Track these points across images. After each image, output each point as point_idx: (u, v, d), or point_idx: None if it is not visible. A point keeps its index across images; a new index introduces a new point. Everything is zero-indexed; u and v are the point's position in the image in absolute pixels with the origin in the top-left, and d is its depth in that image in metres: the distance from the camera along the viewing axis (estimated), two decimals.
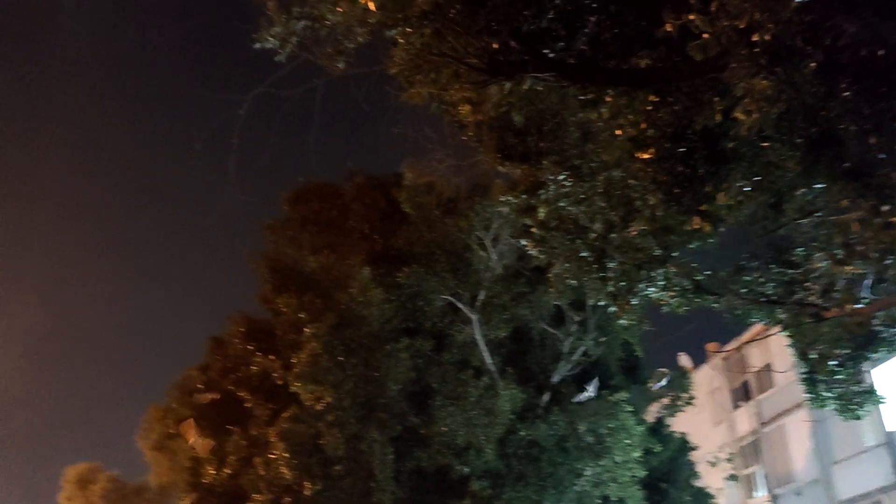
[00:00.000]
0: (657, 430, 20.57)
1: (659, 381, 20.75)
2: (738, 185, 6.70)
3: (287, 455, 16.42)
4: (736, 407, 28.76)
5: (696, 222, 6.47)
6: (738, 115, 5.09)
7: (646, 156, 6.50)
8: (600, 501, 17.57)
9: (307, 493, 16.39)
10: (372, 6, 6.44)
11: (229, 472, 18.91)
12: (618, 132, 6.91)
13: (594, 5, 6.31)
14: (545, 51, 6.39)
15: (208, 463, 19.57)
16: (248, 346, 19.50)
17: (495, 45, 6.31)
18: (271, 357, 18.74)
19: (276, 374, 18.28)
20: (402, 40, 6.81)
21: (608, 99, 6.69)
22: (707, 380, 27.28)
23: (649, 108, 6.36)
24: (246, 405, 19.14)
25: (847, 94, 5.29)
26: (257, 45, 7.30)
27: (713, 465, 23.97)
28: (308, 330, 16.43)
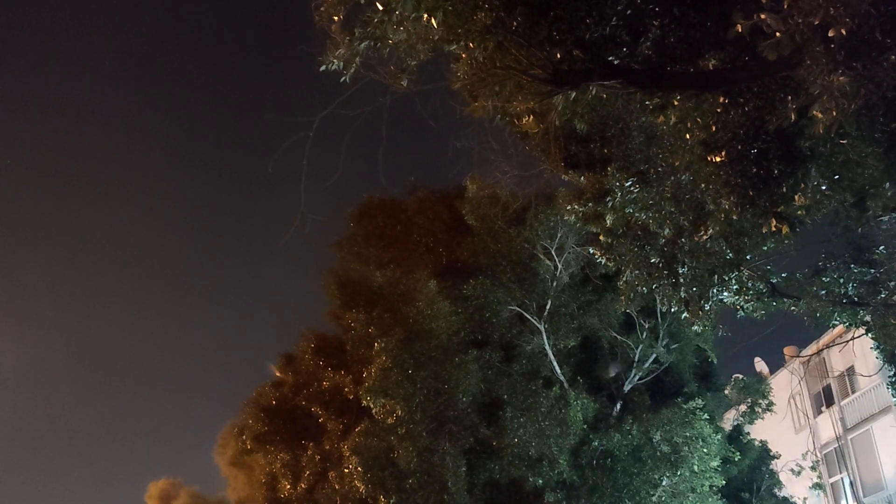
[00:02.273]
0: (735, 437, 19.99)
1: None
2: (815, 184, 6.49)
3: (361, 469, 16.59)
4: (818, 413, 27.68)
5: (773, 224, 6.30)
6: (816, 113, 4.95)
7: (718, 159, 6.37)
8: None
9: None
10: (434, 23, 6.51)
11: (305, 486, 19.24)
12: (687, 136, 6.80)
13: (657, 9, 6.23)
14: (610, 58, 6.35)
15: (284, 478, 19.95)
16: (319, 362, 19.86)
17: (559, 55, 6.29)
18: (342, 372, 19.03)
19: (347, 389, 18.54)
20: (464, 55, 6.86)
21: (676, 103, 6.59)
22: (786, 385, 26.32)
23: (719, 109, 6.23)
24: (319, 420, 19.46)
25: None
26: (323, 68, 7.48)
27: (796, 473, 23.12)
28: (377, 344, 16.61)
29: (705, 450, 16.47)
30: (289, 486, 19.75)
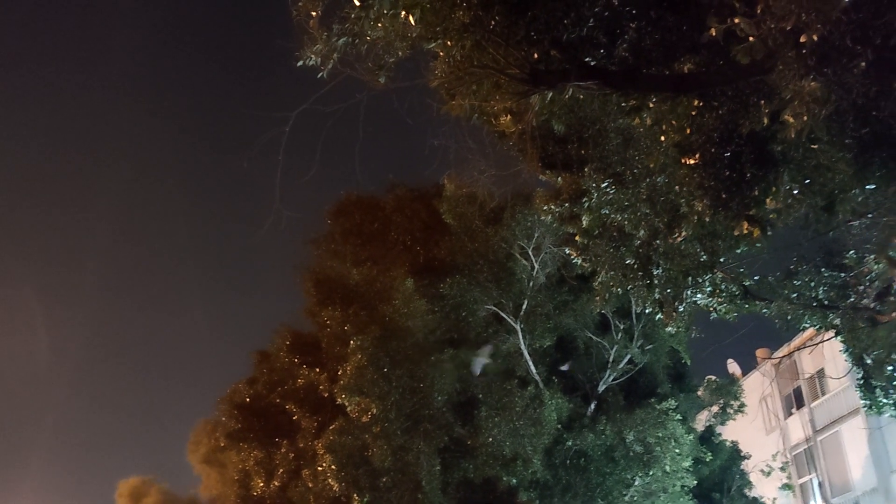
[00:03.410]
0: (707, 438, 20.20)
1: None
2: (787, 188, 6.57)
3: (335, 467, 16.53)
4: (789, 414, 28.06)
5: (745, 227, 6.37)
6: (787, 117, 5.01)
7: (691, 161, 6.43)
8: None
9: None
10: (412, 20, 6.50)
11: (278, 484, 19.13)
12: (662, 138, 6.85)
13: (634, 12, 6.27)
14: (587, 59, 6.38)
15: (257, 475, 19.82)
16: (295, 360, 19.76)
17: (536, 55, 6.31)
18: (317, 369, 18.94)
19: (322, 387, 18.47)
20: (442, 53, 6.86)
21: (651, 105, 6.64)
22: (757, 387, 26.62)
23: (694, 112, 6.29)
24: (293, 418, 19.36)
25: None
26: (300, 63, 7.43)
27: (766, 474, 23.45)
28: (353, 342, 16.55)
29: (677, 450, 16.62)
30: (262, 484, 19.63)
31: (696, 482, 17.25)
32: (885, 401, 10.63)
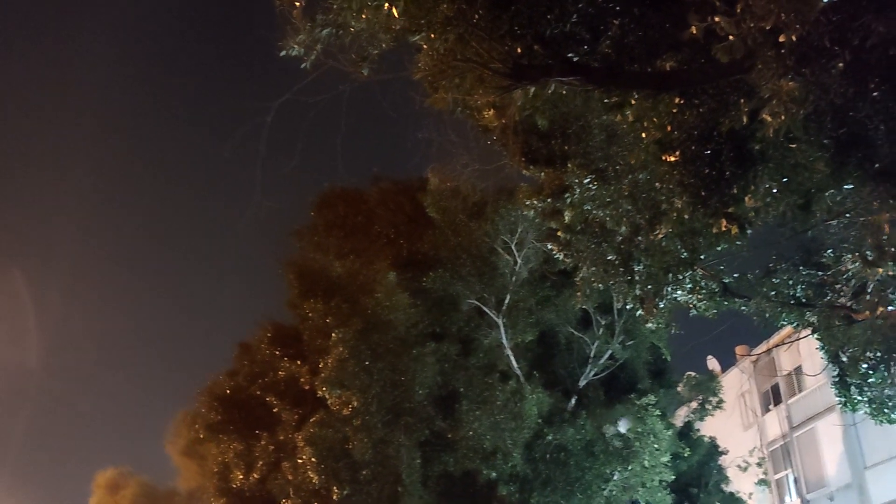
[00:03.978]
0: (686, 434, 20.40)
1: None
2: (765, 186, 6.64)
3: (315, 460, 16.52)
4: (766, 411, 28.39)
5: (724, 225, 6.43)
6: (766, 116, 5.05)
7: (672, 158, 6.47)
8: None
9: (335, 497, 16.48)
10: (396, 13, 6.49)
11: (257, 477, 19.07)
12: (643, 135, 6.89)
13: (617, 8, 6.30)
14: (569, 54, 6.39)
15: (237, 468, 19.76)
16: (276, 352, 19.69)
17: (519, 50, 6.33)
18: (298, 362, 18.89)
19: (303, 379, 18.42)
20: (425, 46, 6.85)
21: (633, 102, 6.67)
22: (736, 383, 26.93)
23: (675, 110, 6.33)
24: (274, 410, 19.30)
25: (876, 94, 5.23)
26: (283, 53, 7.40)
27: (743, 469, 23.73)
28: (335, 335, 16.53)
29: (656, 445, 16.77)
30: (241, 476, 19.55)
31: (673, 477, 17.42)
32: (859, 398, 10.77)
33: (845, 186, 6.88)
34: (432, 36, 6.52)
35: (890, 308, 8.99)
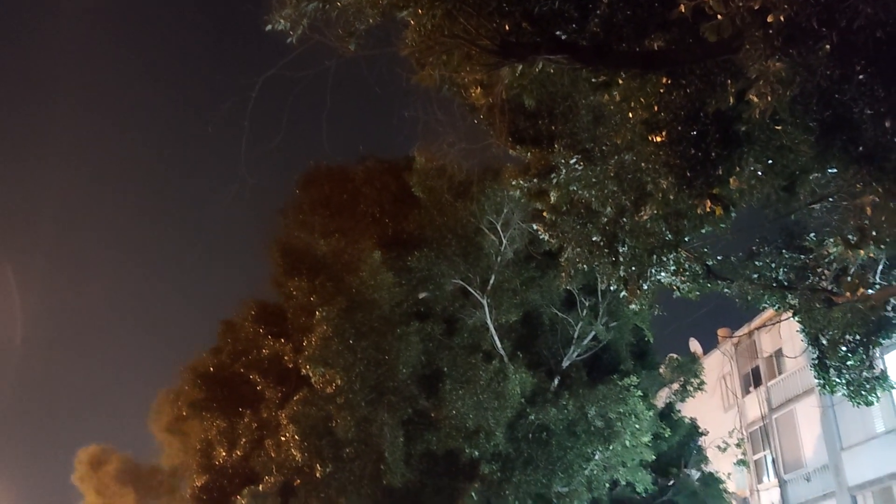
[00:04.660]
0: (667, 414, 20.61)
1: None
2: (750, 168, 6.65)
3: (298, 437, 16.55)
4: (746, 393, 28.75)
5: (708, 206, 6.44)
6: (752, 97, 5.05)
7: (658, 139, 6.46)
8: (609, 485, 17.65)
9: (318, 474, 16.54)
10: None
11: (240, 454, 19.11)
12: (630, 115, 6.88)
13: None
14: (557, 32, 6.35)
15: (220, 445, 19.77)
16: (260, 330, 19.65)
17: (507, 27, 6.28)
18: (282, 340, 18.87)
19: (286, 357, 18.42)
20: (413, 21, 6.78)
21: (620, 81, 6.65)
22: (717, 365, 27.25)
23: (662, 90, 6.31)
24: (257, 388, 19.30)
25: (862, 76, 5.23)
26: (269, 28, 7.30)
27: (722, 450, 24.02)
28: (319, 313, 16.50)
29: (637, 425, 16.92)
30: (224, 453, 19.59)
31: (654, 457, 17.61)
32: (837, 380, 10.90)
33: (829, 170, 6.92)
34: (420, 11, 6.46)
35: (870, 291, 9.09)
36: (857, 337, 10.41)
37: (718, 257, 10.55)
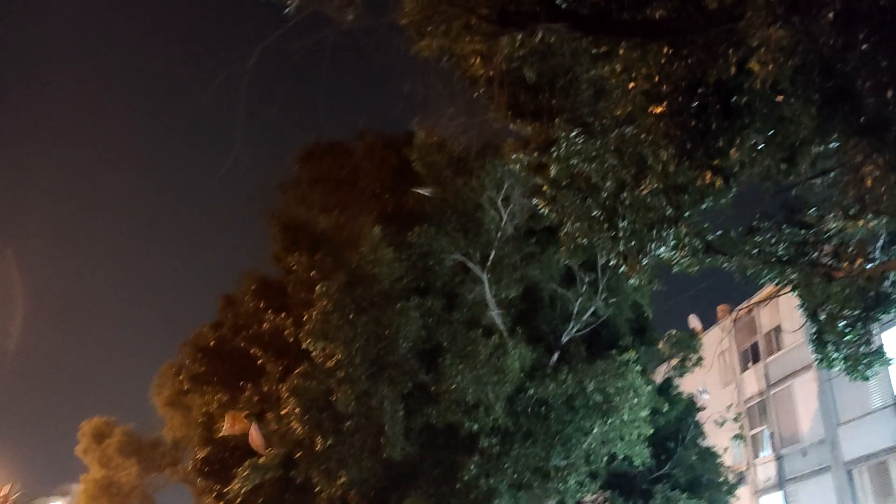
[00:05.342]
0: (665, 390, 20.72)
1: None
2: (751, 140, 6.61)
3: (299, 411, 16.66)
4: (744, 369, 28.90)
5: (709, 177, 6.41)
6: (753, 66, 5.01)
7: (659, 110, 6.42)
8: (607, 459, 17.79)
9: (318, 447, 16.67)
10: None
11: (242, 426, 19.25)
12: (630, 86, 6.82)
13: None
14: (557, 1, 6.28)
15: (221, 418, 19.91)
16: (260, 304, 19.71)
17: None
18: (283, 314, 18.93)
19: (287, 332, 18.48)
20: None
21: (621, 52, 6.59)
22: (716, 341, 27.35)
23: (663, 60, 6.25)
24: (258, 362, 19.40)
25: (865, 45, 5.18)
26: None
27: (720, 425, 24.17)
28: (319, 288, 16.52)
29: (636, 400, 17.00)
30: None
31: (652, 431, 17.72)
32: (835, 355, 10.96)
33: (831, 143, 6.88)
34: None
35: (869, 266, 9.10)
36: (856, 312, 10.45)
37: (718, 232, 10.53)
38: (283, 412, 17.31)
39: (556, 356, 17.98)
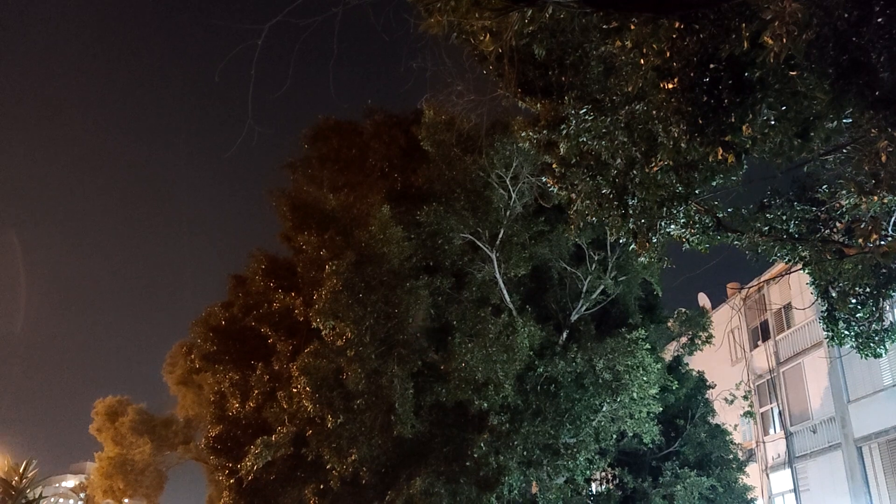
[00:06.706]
0: (675, 367, 20.75)
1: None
2: (764, 116, 6.54)
3: (309, 389, 16.77)
4: (754, 346, 28.86)
5: (720, 153, 6.35)
6: (767, 39, 4.93)
7: (670, 85, 6.35)
8: (617, 436, 17.86)
9: (329, 425, 16.80)
10: None
11: (253, 405, 19.42)
12: (641, 62, 6.75)
13: None
14: None
15: (233, 397, 20.09)
16: (270, 284, 19.78)
17: None
18: (292, 294, 19.00)
19: (297, 311, 18.56)
20: None
21: (632, 27, 6.50)
22: (726, 319, 27.30)
23: (675, 35, 6.17)
24: (268, 341, 19.51)
25: (880, 19, 5.11)
26: None
27: (729, 402, 24.20)
28: (329, 267, 16.56)
29: (645, 378, 17.03)
30: (237, 405, 19.92)
31: (661, 409, 17.77)
32: (846, 332, 10.91)
33: (845, 118, 6.79)
34: None
35: (881, 243, 9.02)
36: (867, 289, 10.39)
37: (729, 209, 10.46)
38: (293, 390, 17.44)
39: (565, 334, 18.01)
